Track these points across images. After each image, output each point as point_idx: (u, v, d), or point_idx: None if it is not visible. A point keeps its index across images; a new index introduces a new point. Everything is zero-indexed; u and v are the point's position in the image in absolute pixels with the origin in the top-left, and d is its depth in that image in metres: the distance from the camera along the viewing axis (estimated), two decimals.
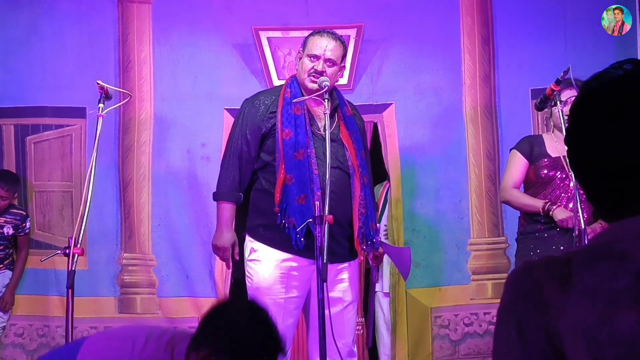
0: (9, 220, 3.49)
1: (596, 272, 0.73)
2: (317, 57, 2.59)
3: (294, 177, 2.53)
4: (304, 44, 2.66)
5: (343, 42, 2.68)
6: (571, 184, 2.81)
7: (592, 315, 0.71)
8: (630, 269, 0.72)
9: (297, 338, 3.33)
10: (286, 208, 2.53)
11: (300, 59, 2.66)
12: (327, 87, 2.52)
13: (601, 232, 0.82)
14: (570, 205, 2.80)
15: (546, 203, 2.80)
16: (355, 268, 2.73)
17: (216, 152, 3.52)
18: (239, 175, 2.61)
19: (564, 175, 2.84)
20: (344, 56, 2.69)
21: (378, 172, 3.58)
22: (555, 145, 2.84)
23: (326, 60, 2.59)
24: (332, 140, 2.50)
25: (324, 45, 2.59)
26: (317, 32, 2.67)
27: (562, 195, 2.84)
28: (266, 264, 2.57)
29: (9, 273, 3.52)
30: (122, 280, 3.56)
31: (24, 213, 3.54)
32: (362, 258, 2.78)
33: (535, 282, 0.76)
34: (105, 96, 2.62)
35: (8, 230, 3.48)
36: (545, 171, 2.85)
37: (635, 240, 0.75)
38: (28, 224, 3.54)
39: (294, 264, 2.56)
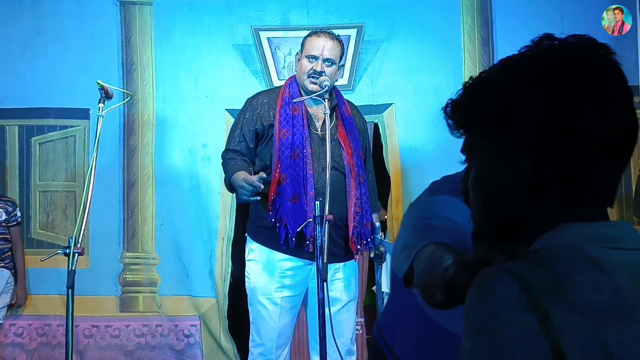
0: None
1: (581, 284, 0.69)
2: (315, 58, 2.59)
3: (288, 177, 2.54)
4: (302, 46, 2.67)
5: (341, 41, 2.68)
6: None
7: (586, 333, 0.67)
8: (607, 282, 0.70)
9: (297, 337, 3.34)
10: (279, 207, 2.55)
11: (299, 60, 2.67)
12: (327, 87, 2.52)
13: (552, 233, 0.75)
14: None
15: None
16: (353, 267, 2.73)
17: (217, 153, 3.51)
18: (242, 160, 2.61)
19: None
20: (342, 55, 2.69)
21: (379, 173, 3.59)
22: None
23: (325, 59, 2.59)
24: (330, 141, 2.52)
25: (322, 45, 2.60)
26: (314, 32, 2.68)
27: None
28: (263, 264, 2.60)
29: (6, 272, 3.51)
30: (124, 279, 3.59)
31: (13, 201, 3.55)
32: (358, 257, 2.78)
33: (528, 293, 0.68)
34: (106, 96, 2.63)
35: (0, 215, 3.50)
36: None
37: (602, 245, 0.73)
38: (18, 213, 3.54)
39: (290, 264, 2.58)
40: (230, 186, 2.59)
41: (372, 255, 2.79)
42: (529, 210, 0.78)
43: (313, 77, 2.58)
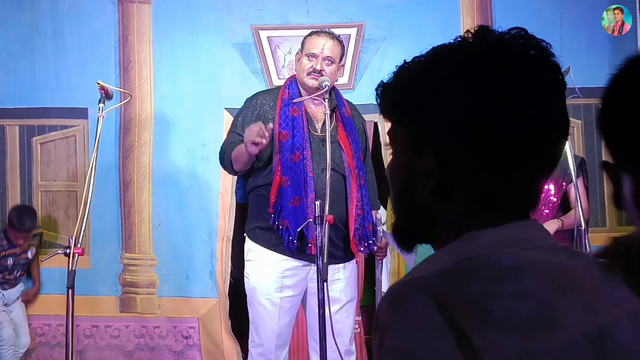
0: (32, 244, 3.52)
1: (501, 296, 0.65)
2: (315, 56, 2.58)
3: (289, 179, 2.53)
4: (302, 45, 2.66)
5: (341, 41, 2.67)
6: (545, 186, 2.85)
7: (510, 348, 0.63)
8: (526, 290, 0.66)
9: (297, 337, 3.34)
10: (280, 210, 2.54)
11: (299, 59, 2.66)
12: (327, 87, 2.51)
13: (461, 242, 0.72)
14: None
15: None
16: (352, 268, 2.73)
17: (216, 152, 3.52)
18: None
19: None
20: (342, 55, 2.67)
21: (379, 172, 3.59)
22: None
23: (325, 58, 2.57)
24: (330, 142, 2.51)
25: (322, 44, 2.59)
26: (315, 31, 2.67)
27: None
28: (262, 265, 2.60)
29: (20, 286, 3.56)
30: (124, 280, 3.58)
31: (40, 232, 3.55)
32: (358, 260, 2.78)
33: (445, 312, 0.63)
34: (106, 96, 2.63)
35: (32, 252, 3.52)
36: None
37: (516, 249, 0.70)
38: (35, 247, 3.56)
39: (289, 265, 2.58)
40: (231, 163, 2.54)
41: (375, 248, 2.77)
42: (438, 210, 0.74)
43: (313, 75, 2.57)
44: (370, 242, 2.65)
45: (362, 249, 2.65)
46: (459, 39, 0.75)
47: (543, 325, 0.64)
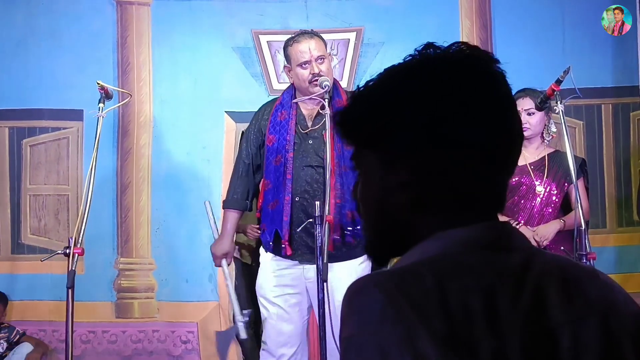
0: (2, 336, 3.43)
1: (452, 291, 0.68)
2: (308, 62, 2.60)
3: (270, 182, 2.62)
4: (288, 57, 2.67)
5: (319, 34, 2.70)
6: (538, 189, 2.84)
7: (458, 340, 0.65)
8: (478, 287, 0.69)
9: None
10: (262, 214, 2.66)
11: (290, 71, 2.68)
12: (327, 87, 2.52)
13: (429, 241, 0.75)
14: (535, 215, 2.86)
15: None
16: (363, 266, 2.69)
17: (216, 155, 3.54)
18: (244, 184, 2.70)
19: (530, 183, 2.87)
20: (325, 44, 2.71)
21: None
22: (522, 152, 2.83)
23: (316, 59, 2.60)
24: (313, 138, 2.57)
25: (307, 48, 2.61)
26: (292, 39, 2.67)
27: (526, 204, 2.86)
28: (263, 266, 2.72)
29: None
30: (119, 285, 3.52)
31: (8, 325, 3.45)
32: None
33: (396, 306, 0.66)
34: (106, 96, 2.63)
35: (2, 346, 3.42)
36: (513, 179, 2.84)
37: (475, 248, 0.73)
38: (20, 330, 3.44)
39: (281, 265, 2.65)
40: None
41: (352, 241, 2.73)
42: (416, 219, 0.77)
43: (315, 81, 2.58)
44: (347, 230, 2.60)
45: (337, 237, 2.58)
46: (410, 57, 0.81)
47: (490, 320, 0.66)
